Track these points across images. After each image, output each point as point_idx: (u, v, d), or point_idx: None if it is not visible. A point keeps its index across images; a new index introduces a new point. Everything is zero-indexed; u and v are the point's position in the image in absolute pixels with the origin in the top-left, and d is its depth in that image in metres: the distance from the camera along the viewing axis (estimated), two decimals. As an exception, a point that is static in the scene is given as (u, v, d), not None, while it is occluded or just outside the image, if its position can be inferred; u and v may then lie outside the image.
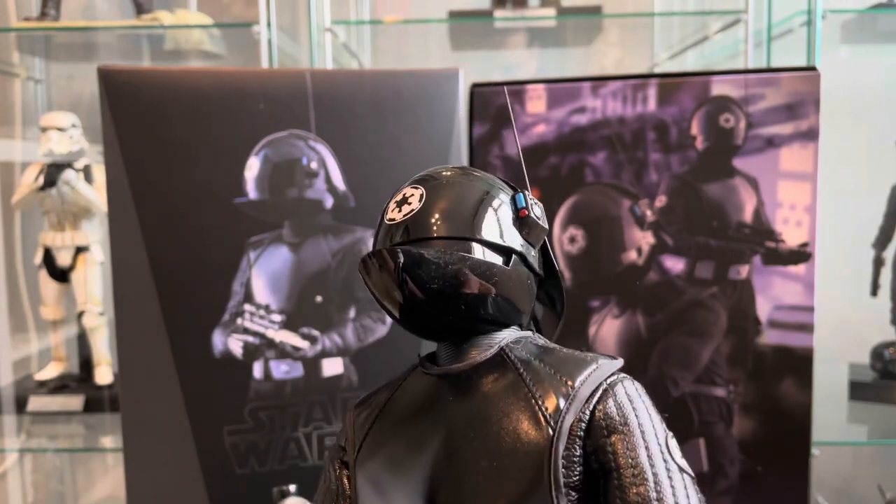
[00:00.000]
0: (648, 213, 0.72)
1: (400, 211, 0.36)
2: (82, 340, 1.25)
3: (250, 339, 0.71)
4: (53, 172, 1.16)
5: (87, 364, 1.24)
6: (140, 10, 1.25)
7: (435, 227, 0.35)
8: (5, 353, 1.35)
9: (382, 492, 0.36)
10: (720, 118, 0.71)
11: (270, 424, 0.72)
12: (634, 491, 0.32)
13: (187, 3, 1.39)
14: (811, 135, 0.70)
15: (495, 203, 0.37)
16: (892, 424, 1.15)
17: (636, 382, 0.36)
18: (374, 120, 0.72)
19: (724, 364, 0.72)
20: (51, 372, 1.23)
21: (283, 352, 0.72)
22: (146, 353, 0.70)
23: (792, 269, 0.71)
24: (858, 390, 1.15)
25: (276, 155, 0.71)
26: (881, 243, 1.19)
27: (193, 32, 1.28)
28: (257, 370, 0.72)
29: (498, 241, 0.36)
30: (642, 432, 0.33)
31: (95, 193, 1.18)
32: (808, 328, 0.71)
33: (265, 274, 0.71)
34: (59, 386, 1.21)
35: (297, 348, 0.72)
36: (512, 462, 0.33)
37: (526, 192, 0.38)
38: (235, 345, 0.71)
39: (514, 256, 0.37)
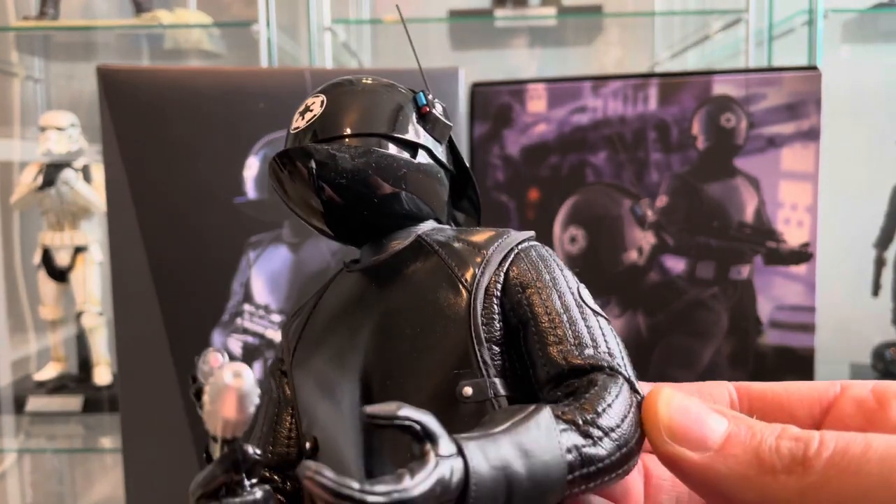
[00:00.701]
0: (649, 212, 0.72)
1: (303, 118, 0.37)
2: (81, 340, 1.24)
3: (250, 339, 0.71)
4: (52, 172, 1.16)
5: (85, 364, 1.24)
6: (139, 9, 1.25)
7: (339, 126, 0.36)
8: (4, 353, 1.35)
9: (320, 385, 0.37)
10: (721, 118, 0.71)
11: (270, 425, 0.71)
12: (552, 334, 0.33)
13: (186, 2, 1.39)
14: (812, 134, 0.70)
15: (397, 101, 0.38)
16: (893, 425, 1.15)
17: (547, 247, 0.37)
18: (374, 119, 0.72)
19: (725, 364, 0.72)
20: (49, 372, 1.23)
21: (282, 352, 0.72)
22: (145, 353, 0.70)
23: (793, 269, 0.71)
24: (859, 390, 1.15)
25: (276, 154, 0.71)
26: (882, 243, 1.19)
27: (193, 31, 1.28)
28: (257, 370, 0.71)
29: (402, 135, 0.37)
30: (554, 284, 0.35)
31: (94, 193, 1.18)
32: (809, 328, 0.71)
33: (265, 274, 0.71)
34: (58, 386, 1.20)
35: (296, 349, 0.72)
36: (435, 327, 0.34)
37: (426, 91, 0.39)
38: (235, 345, 0.71)
39: (420, 150, 0.37)
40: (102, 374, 1.20)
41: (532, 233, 0.38)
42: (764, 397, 0.35)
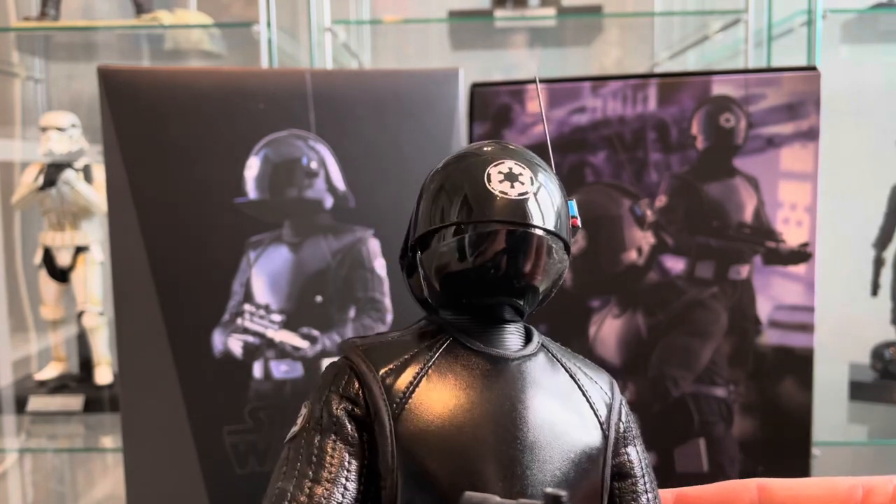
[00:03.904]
0: (649, 212, 0.72)
1: (512, 187, 0.36)
2: (82, 340, 1.25)
3: (250, 338, 0.71)
4: (53, 172, 1.16)
5: (86, 364, 1.24)
6: (140, 9, 1.25)
7: (549, 220, 0.36)
8: (5, 353, 1.35)
9: (437, 461, 0.36)
10: (720, 118, 0.71)
11: (270, 424, 0.72)
12: (645, 497, 0.38)
13: (187, 3, 1.39)
14: (811, 134, 0.70)
15: (569, 209, 0.39)
16: (893, 424, 1.15)
17: None
18: (374, 120, 0.72)
19: (724, 364, 0.72)
20: (50, 372, 1.23)
21: (283, 351, 0.72)
22: (146, 353, 0.70)
23: (792, 268, 0.71)
24: (859, 390, 1.15)
25: (276, 155, 0.71)
26: (881, 243, 1.19)
27: (193, 32, 1.28)
28: (257, 370, 0.72)
29: (569, 245, 0.38)
30: (642, 442, 0.40)
31: (95, 193, 1.18)
32: (808, 328, 0.71)
33: (265, 274, 0.71)
34: (59, 386, 1.21)
35: (297, 348, 0.72)
36: (577, 465, 0.37)
37: (574, 200, 0.40)
38: (235, 345, 0.71)
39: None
40: (103, 374, 1.21)
41: None
42: None
